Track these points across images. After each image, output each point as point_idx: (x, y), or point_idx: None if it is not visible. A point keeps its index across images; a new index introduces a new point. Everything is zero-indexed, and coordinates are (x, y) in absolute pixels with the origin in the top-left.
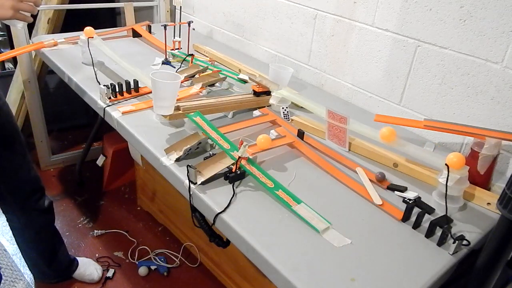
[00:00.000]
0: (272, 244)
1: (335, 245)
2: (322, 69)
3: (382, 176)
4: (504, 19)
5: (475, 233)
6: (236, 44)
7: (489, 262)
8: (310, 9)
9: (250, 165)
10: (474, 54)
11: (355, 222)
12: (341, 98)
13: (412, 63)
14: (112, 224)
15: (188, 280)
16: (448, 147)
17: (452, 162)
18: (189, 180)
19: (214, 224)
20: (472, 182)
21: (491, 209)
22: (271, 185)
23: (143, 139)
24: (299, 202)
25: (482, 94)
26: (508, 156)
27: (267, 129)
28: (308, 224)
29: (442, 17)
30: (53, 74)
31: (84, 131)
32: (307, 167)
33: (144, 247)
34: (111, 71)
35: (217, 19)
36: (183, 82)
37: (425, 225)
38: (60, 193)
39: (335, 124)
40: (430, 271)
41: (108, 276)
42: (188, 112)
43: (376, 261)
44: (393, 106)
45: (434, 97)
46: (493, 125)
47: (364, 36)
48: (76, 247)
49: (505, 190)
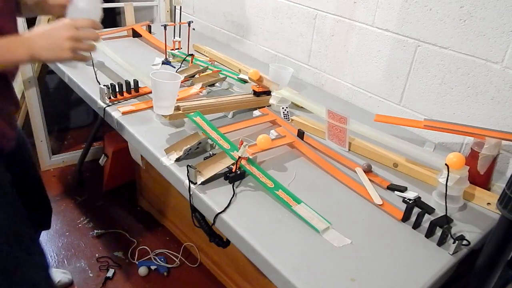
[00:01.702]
0: (272, 244)
1: (335, 245)
2: (322, 69)
3: (369, 167)
4: (504, 19)
5: (475, 233)
6: (236, 44)
7: (489, 262)
8: (310, 9)
9: (250, 165)
10: (474, 54)
11: (355, 222)
12: (341, 98)
13: (412, 63)
14: (112, 224)
15: (188, 280)
16: (448, 147)
17: (452, 162)
18: (189, 180)
19: (214, 224)
20: (472, 182)
21: (491, 209)
22: (271, 185)
23: (143, 139)
24: (299, 202)
25: (482, 94)
26: (508, 156)
27: (267, 129)
28: (308, 224)
29: (442, 17)
30: (53, 74)
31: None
32: (307, 167)
33: (144, 247)
34: (111, 71)
35: (217, 19)
36: (183, 82)
37: (425, 225)
38: (60, 193)
39: (335, 124)
40: (430, 271)
41: (108, 276)
42: (188, 112)
43: (376, 261)
44: (393, 106)
45: (434, 97)
46: (493, 125)
47: (364, 36)
48: (76, 247)
49: (505, 190)
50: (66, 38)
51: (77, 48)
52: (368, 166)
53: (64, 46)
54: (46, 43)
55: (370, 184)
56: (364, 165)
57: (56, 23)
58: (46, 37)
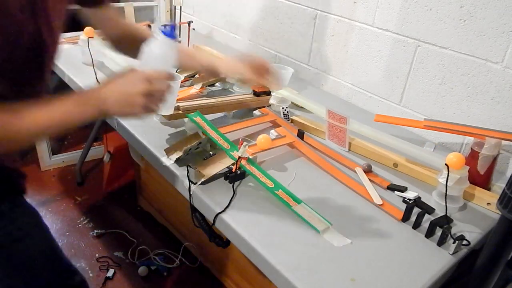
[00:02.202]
0: (272, 244)
1: (335, 245)
2: (322, 69)
3: (369, 167)
4: (504, 19)
5: (475, 233)
6: (236, 44)
7: (489, 262)
8: (310, 9)
9: (250, 165)
10: (474, 54)
11: (355, 222)
12: (341, 98)
13: (412, 63)
14: (112, 224)
15: (188, 280)
16: (448, 147)
17: (452, 162)
18: (189, 180)
19: (214, 224)
20: (472, 182)
21: (491, 209)
22: (271, 185)
23: (143, 139)
24: (299, 202)
25: (482, 94)
26: (508, 156)
27: (267, 129)
28: (308, 224)
29: (442, 17)
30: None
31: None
32: (307, 167)
33: (144, 247)
34: (111, 71)
35: (217, 19)
36: (183, 82)
37: (425, 225)
38: (60, 193)
39: (335, 124)
40: (430, 271)
41: (108, 276)
42: (188, 112)
43: (376, 261)
44: (393, 106)
45: (434, 97)
46: (493, 125)
47: (364, 36)
48: (76, 247)
49: (505, 190)
50: (140, 93)
51: (150, 104)
52: (368, 166)
53: (137, 102)
54: (118, 98)
55: (370, 184)
56: (364, 165)
57: (129, 75)
58: (119, 92)
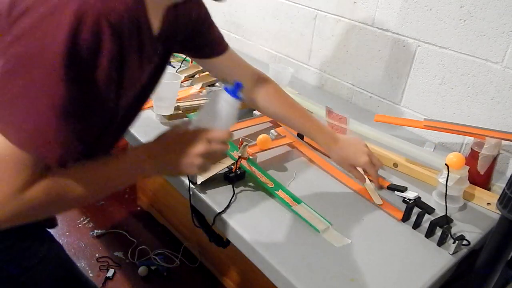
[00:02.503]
0: (272, 244)
1: (335, 245)
2: (322, 69)
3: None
4: (504, 19)
5: (475, 233)
6: (236, 44)
7: (489, 262)
8: (310, 9)
9: (250, 165)
10: (474, 54)
11: (355, 222)
12: (341, 98)
13: (412, 63)
14: (112, 224)
15: (188, 280)
16: (448, 147)
17: (452, 162)
18: (189, 180)
19: (214, 224)
20: (472, 182)
21: (491, 209)
22: (271, 185)
23: (143, 139)
24: (299, 202)
25: (482, 94)
26: (508, 156)
27: (267, 129)
28: (308, 224)
29: (442, 17)
30: None
31: None
32: (307, 167)
33: (144, 247)
34: None
35: (217, 19)
36: (183, 82)
37: (425, 225)
38: None
39: (335, 124)
40: (430, 271)
41: (108, 276)
42: (188, 112)
43: (376, 261)
44: (393, 106)
45: (434, 97)
46: (493, 125)
47: (364, 36)
48: (76, 247)
49: (505, 190)
50: (198, 155)
51: (206, 164)
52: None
53: (194, 163)
54: (176, 158)
55: (370, 184)
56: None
57: (189, 134)
58: (178, 152)
